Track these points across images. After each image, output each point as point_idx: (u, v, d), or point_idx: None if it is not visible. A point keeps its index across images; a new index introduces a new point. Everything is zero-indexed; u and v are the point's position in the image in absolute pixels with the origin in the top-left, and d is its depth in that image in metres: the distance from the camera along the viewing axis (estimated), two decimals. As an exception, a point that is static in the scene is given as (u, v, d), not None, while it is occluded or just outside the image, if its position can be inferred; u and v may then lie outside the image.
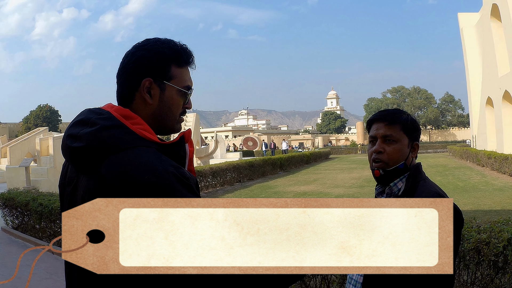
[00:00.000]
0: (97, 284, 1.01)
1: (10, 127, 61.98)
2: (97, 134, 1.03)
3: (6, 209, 8.81)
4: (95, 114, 1.10)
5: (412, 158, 1.63)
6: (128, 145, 1.03)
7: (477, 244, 3.06)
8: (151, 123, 1.18)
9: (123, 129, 1.06)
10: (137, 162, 1.00)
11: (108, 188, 0.98)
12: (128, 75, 1.16)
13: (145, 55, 1.15)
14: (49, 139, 17.46)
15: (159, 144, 1.09)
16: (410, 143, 1.61)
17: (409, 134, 1.60)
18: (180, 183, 1.00)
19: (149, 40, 1.19)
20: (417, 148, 1.65)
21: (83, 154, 1.04)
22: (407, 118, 1.62)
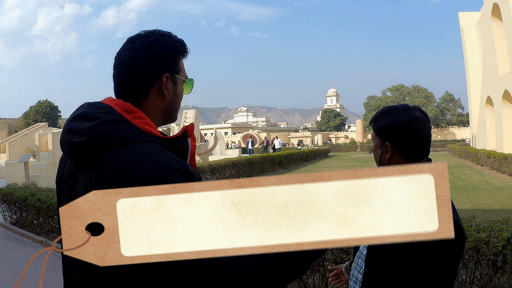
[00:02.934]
0: (98, 277, 1.00)
1: (9, 122, 62.03)
2: (98, 128, 1.01)
3: (5, 205, 8.81)
4: (95, 108, 1.07)
5: (390, 160, 1.53)
6: (131, 140, 1.01)
7: (476, 243, 3.06)
8: (160, 116, 1.18)
9: (125, 124, 1.03)
10: (141, 158, 0.98)
11: (111, 185, 0.96)
12: (143, 72, 1.13)
13: (160, 50, 1.13)
14: (48, 135, 17.46)
15: (161, 139, 1.07)
16: (381, 144, 1.54)
17: (380, 136, 1.55)
18: (185, 178, 0.99)
19: (154, 33, 1.17)
20: (389, 148, 1.51)
21: (84, 149, 1.01)
22: (380, 121, 1.54)
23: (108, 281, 0.99)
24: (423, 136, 1.49)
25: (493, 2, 23.53)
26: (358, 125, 68.01)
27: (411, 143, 1.49)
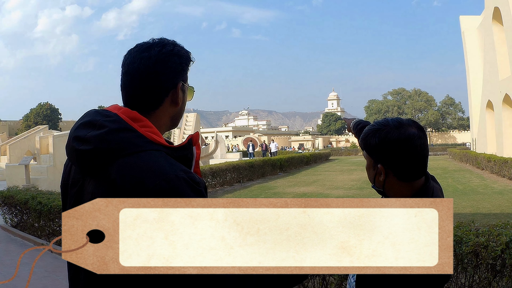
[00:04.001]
0: (103, 283, 1.00)
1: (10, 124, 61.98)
2: (105, 137, 1.02)
3: (5, 207, 8.80)
4: (102, 116, 1.07)
5: (384, 182, 1.43)
6: (138, 149, 1.02)
7: (475, 247, 3.06)
8: (168, 124, 1.21)
9: (132, 132, 1.04)
10: (148, 167, 0.99)
11: (118, 193, 0.96)
12: (160, 81, 1.14)
13: (177, 60, 1.16)
14: (49, 138, 17.44)
15: (167, 148, 1.07)
16: (373, 165, 1.45)
17: (372, 156, 1.45)
18: (191, 188, 0.99)
19: (168, 43, 1.17)
20: (381, 170, 1.41)
21: (91, 157, 1.02)
22: (370, 140, 1.42)
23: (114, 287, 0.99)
24: (419, 155, 1.37)
25: (494, 5, 23.53)
26: (359, 128, 67.62)
27: (405, 164, 1.37)
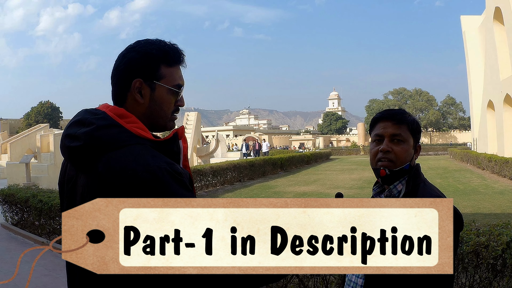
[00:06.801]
0: (99, 283, 1.01)
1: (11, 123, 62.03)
2: (93, 133, 1.08)
3: (6, 205, 8.81)
4: (91, 114, 1.14)
5: (414, 160, 1.61)
6: (124, 143, 1.07)
7: (476, 247, 3.06)
8: (144, 122, 1.21)
9: (118, 128, 1.10)
10: (131, 159, 1.04)
11: (104, 184, 1.02)
12: (120, 76, 1.21)
13: (134, 56, 1.19)
14: (49, 136, 17.47)
15: (153, 141, 1.13)
16: (415, 144, 1.60)
17: (414, 135, 1.59)
18: (173, 178, 1.04)
19: (140, 41, 1.24)
20: (419, 150, 1.63)
21: (81, 152, 1.08)
22: (413, 119, 1.61)
23: (109, 285, 1.00)
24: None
25: (495, 5, 23.49)
26: (360, 128, 67.72)
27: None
